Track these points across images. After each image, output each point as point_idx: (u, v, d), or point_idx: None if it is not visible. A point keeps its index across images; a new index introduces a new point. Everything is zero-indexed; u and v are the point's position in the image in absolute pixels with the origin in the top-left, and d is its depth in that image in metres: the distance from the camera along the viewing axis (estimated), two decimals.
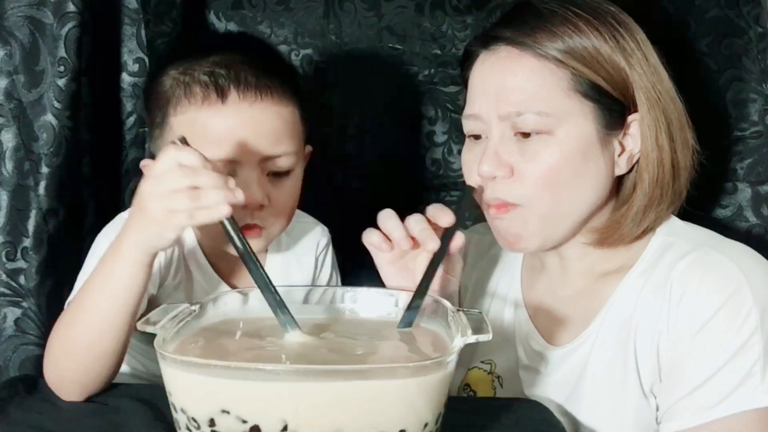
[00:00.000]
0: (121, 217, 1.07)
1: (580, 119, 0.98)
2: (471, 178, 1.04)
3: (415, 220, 0.97)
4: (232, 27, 1.36)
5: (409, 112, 1.40)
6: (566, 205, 1.00)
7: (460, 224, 0.98)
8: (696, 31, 1.26)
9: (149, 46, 1.24)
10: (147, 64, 1.24)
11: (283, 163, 1.02)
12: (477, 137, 1.03)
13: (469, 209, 1.07)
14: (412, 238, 0.96)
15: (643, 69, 0.99)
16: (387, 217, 0.98)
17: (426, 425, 0.75)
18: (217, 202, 0.82)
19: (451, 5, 1.37)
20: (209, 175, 0.82)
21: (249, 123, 0.99)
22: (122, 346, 0.92)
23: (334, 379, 0.72)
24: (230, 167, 0.98)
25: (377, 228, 0.99)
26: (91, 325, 0.90)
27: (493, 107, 0.99)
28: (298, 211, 1.19)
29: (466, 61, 1.05)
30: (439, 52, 1.38)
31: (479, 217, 1.39)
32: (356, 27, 1.36)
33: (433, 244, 0.94)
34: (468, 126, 1.04)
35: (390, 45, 1.37)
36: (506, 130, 0.99)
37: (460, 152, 1.39)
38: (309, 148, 1.11)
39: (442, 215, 0.96)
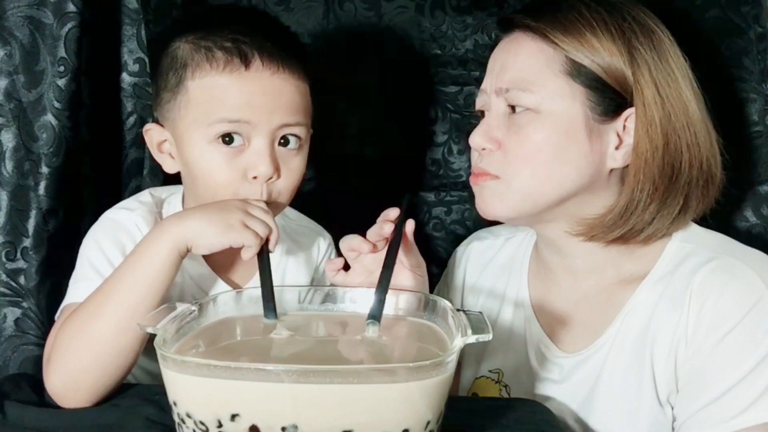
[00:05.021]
0: (107, 218, 1.07)
1: (567, 100, 0.99)
2: (473, 154, 1.08)
3: (370, 229, 1.03)
4: None
5: (409, 112, 1.40)
6: (544, 185, 1.00)
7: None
8: (696, 31, 1.26)
9: (149, 46, 1.24)
10: (147, 64, 1.24)
11: (297, 131, 1.03)
12: (483, 114, 1.07)
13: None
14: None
15: (651, 67, 0.98)
16: (346, 238, 1.04)
17: (428, 423, 0.75)
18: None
19: (451, 5, 1.37)
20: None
21: (269, 91, 1.01)
22: (141, 342, 0.94)
23: (335, 379, 0.72)
24: (246, 132, 1.00)
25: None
26: (117, 318, 0.92)
27: (493, 83, 1.04)
28: (301, 216, 1.20)
29: (492, 50, 1.09)
30: (439, 52, 1.38)
31: (478, 218, 1.40)
32: (356, 27, 1.36)
33: (388, 226, 1.00)
34: (477, 102, 1.09)
35: (390, 45, 1.37)
36: (501, 105, 1.03)
37: (460, 152, 1.41)
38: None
39: (389, 212, 1.02)
